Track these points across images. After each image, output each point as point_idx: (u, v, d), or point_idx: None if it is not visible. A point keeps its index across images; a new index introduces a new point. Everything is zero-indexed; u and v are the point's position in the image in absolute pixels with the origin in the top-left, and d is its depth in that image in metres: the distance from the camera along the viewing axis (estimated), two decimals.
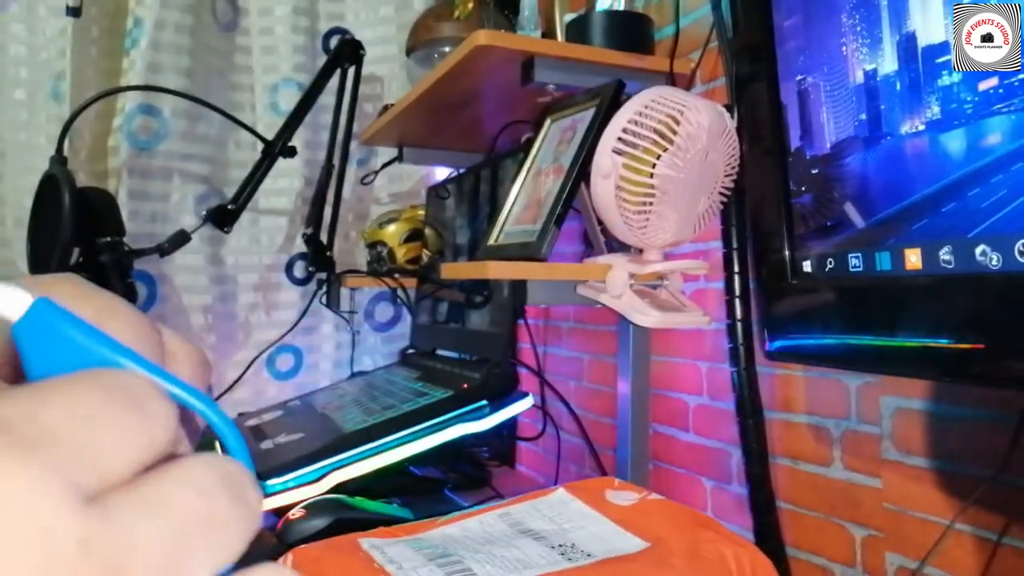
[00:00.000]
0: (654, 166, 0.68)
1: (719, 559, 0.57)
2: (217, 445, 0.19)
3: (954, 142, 0.48)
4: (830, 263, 0.58)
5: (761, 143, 0.66)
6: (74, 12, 1.20)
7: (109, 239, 1.02)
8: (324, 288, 1.32)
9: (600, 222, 0.77)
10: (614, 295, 0.76)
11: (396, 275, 1.26)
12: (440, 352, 1.19)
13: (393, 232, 1.31)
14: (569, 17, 0.94)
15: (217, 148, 1.35)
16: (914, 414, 0.66)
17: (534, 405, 0.91)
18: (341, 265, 1.34)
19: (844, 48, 0.56)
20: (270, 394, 1.35)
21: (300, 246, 1.37)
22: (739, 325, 0.80)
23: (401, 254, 1.30)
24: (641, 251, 0.77)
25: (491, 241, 0.84)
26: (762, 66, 0.65)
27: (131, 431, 0.15)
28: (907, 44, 0.51)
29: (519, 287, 0.79)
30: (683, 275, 0.82)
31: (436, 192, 1.30)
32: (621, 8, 0.92)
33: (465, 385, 0.88)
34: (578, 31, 0.89)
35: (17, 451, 0.13)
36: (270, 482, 0.76)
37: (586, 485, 0.72)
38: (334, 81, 1.25)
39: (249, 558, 0.19)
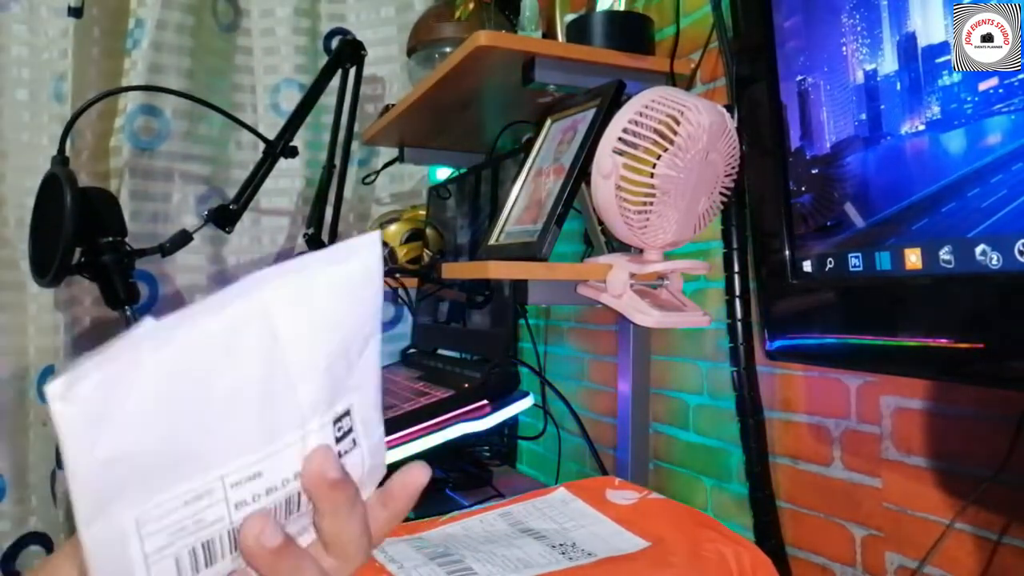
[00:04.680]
0: (654, 166, 0.69)
1: (719, 558, 0.57)
2: None
3: (954, 142, 0.48)
4: (830, 263, 0.58)
5: (761, 143, 0.66)
6: (76, 13, 1.20)
7: (111, 239, 1.02)
8: None
9: (600, 222, 0.77)
10: (614, 295, 0.76)
11: (397, 275, 1.26)
12: (441, 352, 1.19)
13: (394, 232, 1.31)
14: (570, 17, 0.94)
15: (218, 148, 1.36)
16: (914, 414, 0.66)
17: (535, 404, 0.91)
18: None
19: (844, 48, 0.56)
20: None
21: (301, 246, 1.37)
22: (739, 325, 0.80)
23: (402, 254, 1.30)
24: (641, 251, 0.77)
25: (492, 241, 0.84)
26: (762, 66, 0.65)
27: None
28: (907, 44, 0.51)
29: (520, 287, 0.79)
30: (683, 275, 0.82)
31: (437, 192, 1.30)
32: (621, 8, 0.92)
33: (466, 385, 0.88)
34: (578, 31, 0.90)
35: None
36: None
37: (587, 484, 0.72)
38: (335, 82, 1.25)
39: None
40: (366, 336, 0.27)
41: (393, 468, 0.31)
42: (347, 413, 0.26)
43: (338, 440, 0.26)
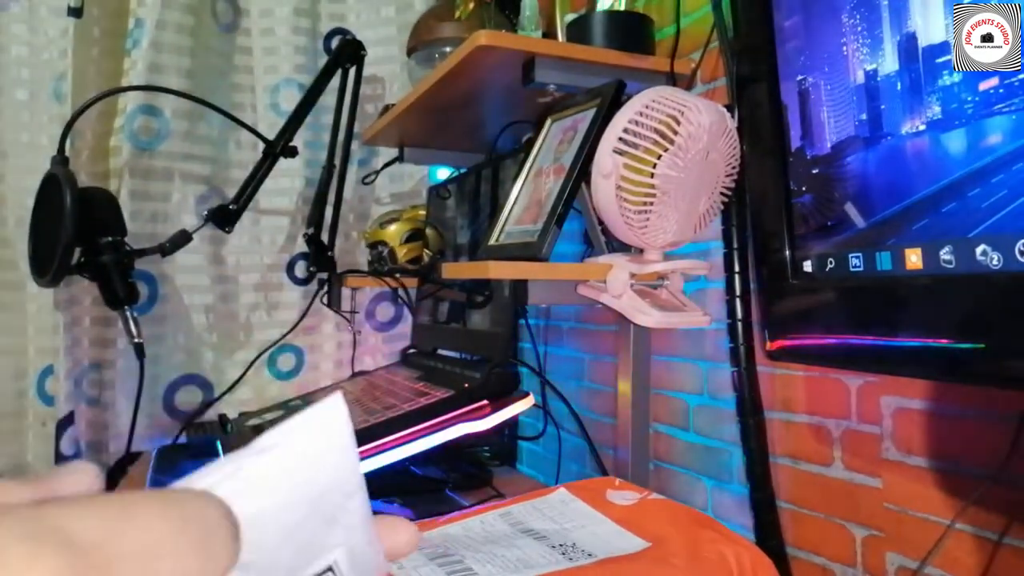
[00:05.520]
0: (655, 166, 0.68)
1: (720, 559, 0.57)
2: None
3: (954, 142, 0.48)
4: (831, 263, 0.58)
5: (762, 143, 0.66)
6: (76, 13, 1.20)
7: (111, 239, 1.02)
8: (325, 288, 1.32)
9: (601, 222, 0.77)
10: (615, 295, 0.76)
11: (397, 275, 1.26)
12: (441, 352, 1.19)
13: (394, 232, 1.31)
14: (570, 17, 0.94)
15: (218, 148, 1.36)
16: (914, 414, 0.66)
17: (535, 405, 0.91)
18: (342, 265, 1.34)
19: (845, 48, 0.56)
20: (271, 394, 1.36)
21: (301, 246, 1.37)
22: (739, 325, 0.80)
23: (402, 254, 1.30)
24: (642, 251, 0.77)
25: (492, 241, 0.84)
26: (763, 66, 0.65)
27: (192, 562, 0.16)
28: (907, 44, 0.51)
29: (520, 287, 0.79)
30: (684, 275, 0.82)
31: (437, 192, 1.30)
32: (621, 8, 0.92)
33: (466, 385, 0.88)
34: (579, 31, 0.90)
35: None
36: None
37: (587, 485, 0.72)
38: (335, 81, 1.25)
39: None
40: (344, 495, 0.25)
41: (392, 468, 0.30)
42: (328, 570, 0.25)
43: None
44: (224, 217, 1.13)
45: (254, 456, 0.22)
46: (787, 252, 0.62)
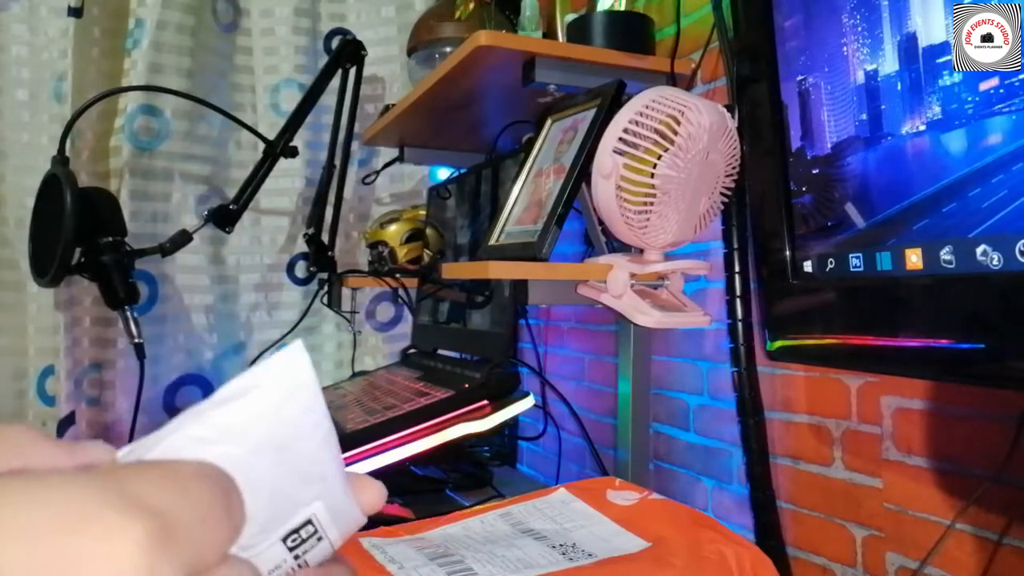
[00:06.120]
0: (655, 166, 0.68)
1: (720, 559, 0.57)
2: None
3: (955, 142, 0.48)
4: (831, 263, 0.58)
5: (762, 143, 0.66)
6: (76, 13, 1.20)
7: (111, 239, 1.02)
8: (325, 288, 1.33)
9: (601, 222, 0.77)
10: (615, 295, 0.76)
11: (397, 275, 1.26)
12: (441, 352, 1.19)
13: (394, 232, 1.31)
14: (570, 17, 0.94)
15: (218, 148, 1.36)
16: (915, 414, 0.66)
17: (535, 405, 0.91)
18: (342, 265, 1.34)
19: (845, 48, 0.56)
20: None
21: (301, 246, 1.37)
22: (740, 325, 0.80)
23: (402, 254, 1.30)
24: (642, 251, 0.77)
25: (492, 241, 0.84)
26: (763, 66, 0.65)
27: (226, 528, 0.19)
28: (908, 44, 0.51)
29: (520, 287, 0.79)
30: (684, 275, 0.82)
31: (437, 192, 1.30)
32: (622, 8, 0.92)
33: (466, 385, 0.88)
34: (579, 31, 0.90)
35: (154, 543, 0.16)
36: None
37: (587, 485, 0.72)
38: (335, 82, 1.25)
39: None
40: (316, 445, 0.25)
41: (392, 468, 0.30)
42: (307, 522, 0.25)
43: (292, 548, 0.25)
44: (224, 217, 1.13)
45: (217, 407, 0.23)
46: (787, 252, 0.62)
